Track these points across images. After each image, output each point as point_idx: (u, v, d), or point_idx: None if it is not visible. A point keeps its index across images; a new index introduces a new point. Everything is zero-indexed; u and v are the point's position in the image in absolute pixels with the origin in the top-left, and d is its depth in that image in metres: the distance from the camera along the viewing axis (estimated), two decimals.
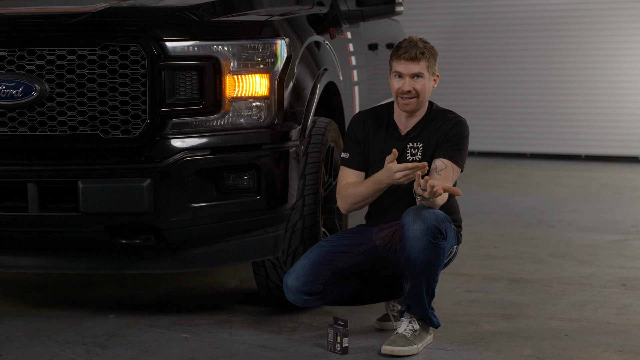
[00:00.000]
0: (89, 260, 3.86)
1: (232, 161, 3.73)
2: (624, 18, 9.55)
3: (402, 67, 3.72)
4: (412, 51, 3.71)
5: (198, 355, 3.64)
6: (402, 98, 3.74)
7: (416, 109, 3.77)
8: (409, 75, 3.72)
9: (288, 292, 3.75)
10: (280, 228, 3.97)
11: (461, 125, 3.77)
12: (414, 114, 3.79)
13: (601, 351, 3.67)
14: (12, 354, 3.68)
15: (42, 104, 3.64)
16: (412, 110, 3.76)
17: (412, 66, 3.71)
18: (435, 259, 3.55)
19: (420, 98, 3.74)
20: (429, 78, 3.75)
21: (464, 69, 10.25)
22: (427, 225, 3.50)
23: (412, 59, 3.71)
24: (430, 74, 3.75)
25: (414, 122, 3.81)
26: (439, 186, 3.41)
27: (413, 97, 3.73)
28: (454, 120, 3.78)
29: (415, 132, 3.79)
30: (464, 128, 3.77)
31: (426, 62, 3.73)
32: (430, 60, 3.74)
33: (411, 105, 3.74)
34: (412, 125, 3.80)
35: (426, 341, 3.70)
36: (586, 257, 5.33)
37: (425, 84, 3.74)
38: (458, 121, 3.78)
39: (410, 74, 3.72)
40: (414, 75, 3.72)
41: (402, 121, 3.82)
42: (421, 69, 3.72)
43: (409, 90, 3.72)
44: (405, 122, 3.82)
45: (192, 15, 3.80)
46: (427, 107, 3.82)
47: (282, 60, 3.84)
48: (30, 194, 3.64)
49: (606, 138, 9.66)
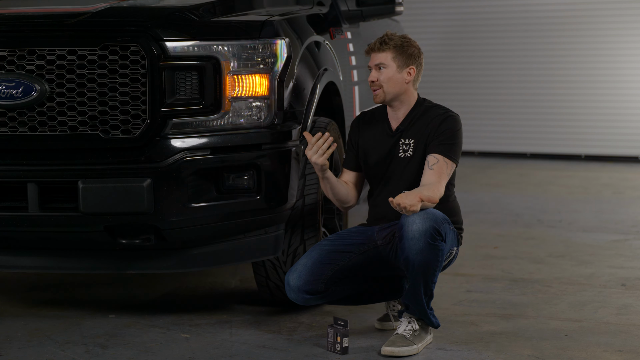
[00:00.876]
0: (89, 260, 3.86)
1: (232, 161, 3.73)
2: (624, 18, 9.55)
3: (370, 60, 3.82)
4: (375, 42, 3.80)
5: (198, 355, 3.64)
6: (372, 89, 3.82)
7: (387, 100, 3.80)
8: (374, 66, 3.79)
9: (290, 290, 3.75)
10: (280, 228, 3.98)
11: (452, 120, 3.78)
12: (395, 106, 3.83)
13: (601, 351, 3.67)
14: (12, 354, 3.68)
15: (42, 104, 3.64)
16: (382, 100, 3.81)
17: (374, 56, 3.79)
18: (434, 261, 3.55)
19: (385, 88, 3.77)
20: (396, 69, 3.77)
21: (464, 69, 10.25)
22: (426, 227, 3.50)
23: (373, 49, 3.80)
24: (398, 65, 3.77)
25: (401, 116, 3.84)
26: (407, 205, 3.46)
27: (378, 87, 3.78)
28: (445, 115, 3.79)
29: (404, 126, 3.81)
30: (455, 122, 3.78)
31: (391, 52, 3.76)
32: (398, 52, 3.77)
33: (379, 96, 3.79)
34: (401, 119, 3.83)
35: (426, 341, 3.70)
36: (586, 257, 5.34)
37: (389, 75, 3.76)
38: (449, 116, 3.79)
39: (375, 65, 3.79)
40: (378, 66, 3.78)
41: (393, 117, 3.87)
42: (383, 60, 3.76)
43: (373, 81, 3.78)
44: (395, 117, 3.85)
45: (192, 15, 3.80)
46: (414, 101, 3.84)
47: (282, 60, 3.84)
48: (30, 194, 3.64)
49: (606, 138, 9.66)
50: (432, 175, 3.66)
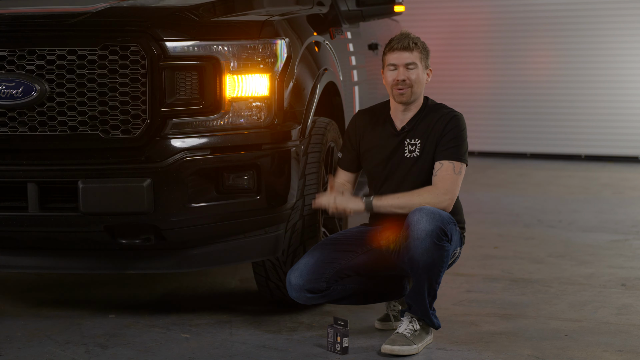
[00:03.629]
0: (89, 260, 3.86)
1: (232, 161, 3.73)
2: (624, 18, 9.55)
3: (396, 58, 3.77)
4: (404, 41, 3.78)
5: (198, 355, 3.64)
6: (397, 88, 3.77)
7: (411, 101, 3.79)
8: (402, 65, 3.76)
9: (291, 289, 3.75)
10: (280, 228, 3.97)
11: (457, 120, 3.78)
12: (410, 107, 3.82)
13: (601, 351, 3.67)
14: (12, 354, 3.68)
15: (42, 104, 3.64)
16: (407, 100, 3.78)
17: (405, 55, 3.76)
18: (439, 261, 3.55)
19: (415, 88, 3.77)
20: (422, 70, 3.79)
21: (464, 69, 10.25)
22: (433, 226, 3.50)
23: (405, 48, 3.76)
24: (423, 66, 3.79)
25: (409, 116, 3.83)
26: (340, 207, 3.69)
27: (407, 87, 3.76)
28: (450, 115, 3.79)
29: (410, 126, 3.81)
30: (460, 122, 3.78)
31: (419, 53, 3.78)
32: (423, 53, 3.80)
33: (406, 95, 3.77)
34: (408, 119, 3.83)
35: (426, 341, 3.70)
36: (586, 257, 5.34)
37: (419, 75, 3.77)
38: (454, 116, 3.79)
39: (404, 64, 3.76)
40: (407, 65, 3.76)
41: (399, 116, 3.85)
42: (414, 59, 3.76)
43: (404, 80, 3.76)
44: (402, 117, 3.84)
45: (192, 15, 3.80)
46: (422, 101, 3.85)
47: (282, 60, 3.84)
48: (30, 194, 3.64)
49: (606, 138, 9.66)
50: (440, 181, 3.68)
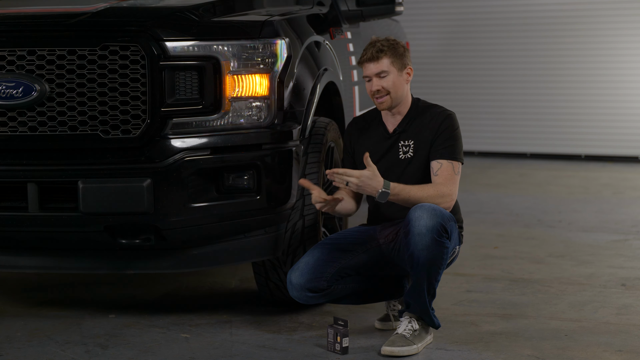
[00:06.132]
0: (89, 260, 3.86)
1: (232, 161, 3.73)
2: (624, 18, 9.55)
3: (367, 70, 3.80)
4: (369, 52, 3.79)
5: (198, 355, 3.64)
6: (375, 98, 3.81)
7: (393, 105, 3.81)
8: (374, 76, 3.78)
9: (292, 288, 3.75)
10: (280, 228, 3.97)
11: (451, 119, 3.80)
12: (397, 110, 3.84)
13: (601, 351, 3.67)
14: (12, 354, 3.68)
15: (42, 104, 3.64)
16: (389, 107, 3.81)
17: (373, 66, 3.78)
18: (439, 257, 3.55)
19: (393, 94, 3.78)
20: (397, 73, 3.79)
21: (464, 69, 10.25)
22: (433, 223, 3.50)
23: (370, 59, 3.78)
24: (397, 68, 3.79)
25: (399, 118, 3.85)
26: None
27: (385, 95, 3.78)
28: (444, 114, 3.80)
29: (402, 127, 3.82)
30: (453, 120, 3.80)
31: (388, 58, 3.77)
32: (393, 56, 3.78)
33: (386, 102, 3.79)
34: (399, 122, 3.85)
35: (426, 341, 3.70)
36: (586, 257, 5.33)
37: (393, 80, 3.78)
38: (447, 115, 3.80)
39: (375, 74, 3.78)
40: (378, 74, 3.77)
41: (389, 120, 3.87)
42: (383, 67, 3.77)
43: (378, 89, 3.77)
44: (392, 120, 3.87)
45: (192, 15, 3.80)
46: (410, 102, 3.86)
47: (282, 60, 3.84)
48: (30, 194, 3.64)
49: (606, 138, 9.66)
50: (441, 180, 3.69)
